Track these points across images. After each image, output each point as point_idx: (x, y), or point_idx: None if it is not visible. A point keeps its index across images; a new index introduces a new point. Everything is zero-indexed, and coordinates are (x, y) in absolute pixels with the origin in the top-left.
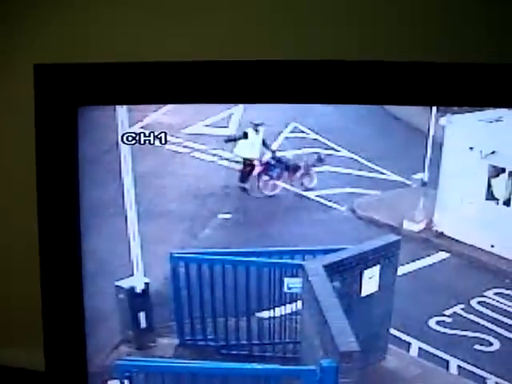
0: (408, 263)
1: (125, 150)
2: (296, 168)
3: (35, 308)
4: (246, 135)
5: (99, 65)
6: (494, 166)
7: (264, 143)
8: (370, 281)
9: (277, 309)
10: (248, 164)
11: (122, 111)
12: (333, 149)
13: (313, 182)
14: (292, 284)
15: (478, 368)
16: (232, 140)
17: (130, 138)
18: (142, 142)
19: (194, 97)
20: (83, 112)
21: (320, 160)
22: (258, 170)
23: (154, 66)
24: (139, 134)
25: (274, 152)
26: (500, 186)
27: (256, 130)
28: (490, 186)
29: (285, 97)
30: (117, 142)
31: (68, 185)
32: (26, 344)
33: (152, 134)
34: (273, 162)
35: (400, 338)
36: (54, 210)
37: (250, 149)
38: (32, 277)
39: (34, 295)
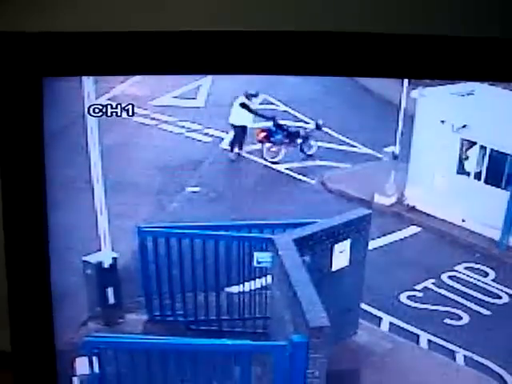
0: (379, 237)
1: (91, 123)
2: (296, 135)
3: (0, 285)
4: (244, 105)
5: (65, 34)
6: (466, 140)
7: (254, 112)
8: (341, 255)
9: (246, 283)
10: (239, 132)
11: (88, 82)
12: (302, 121)
13: (312, 149)
14: (262, 258)
15: (448, 342)
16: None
17: (96, 110)
18: (109, 114)
19: (162, 67)
20: (48, 83)
21: (318, 127)
22: (260, 136)
23: (121, 35)
24: (106, 105)
25: (274, 119)
26: (471, 159)
27: (249, 99)
28: (461, 159)
29: (254, 68)
30: (83, 114)
31: (33, 158)
32: None
33: (119, 106)
34: (274, 129)
35: (371, 313)
36: (19, 184)
37: (243, 117)
38: None
39: None
